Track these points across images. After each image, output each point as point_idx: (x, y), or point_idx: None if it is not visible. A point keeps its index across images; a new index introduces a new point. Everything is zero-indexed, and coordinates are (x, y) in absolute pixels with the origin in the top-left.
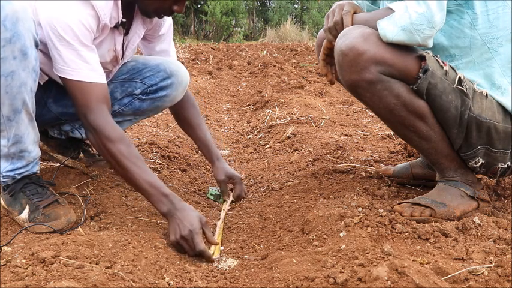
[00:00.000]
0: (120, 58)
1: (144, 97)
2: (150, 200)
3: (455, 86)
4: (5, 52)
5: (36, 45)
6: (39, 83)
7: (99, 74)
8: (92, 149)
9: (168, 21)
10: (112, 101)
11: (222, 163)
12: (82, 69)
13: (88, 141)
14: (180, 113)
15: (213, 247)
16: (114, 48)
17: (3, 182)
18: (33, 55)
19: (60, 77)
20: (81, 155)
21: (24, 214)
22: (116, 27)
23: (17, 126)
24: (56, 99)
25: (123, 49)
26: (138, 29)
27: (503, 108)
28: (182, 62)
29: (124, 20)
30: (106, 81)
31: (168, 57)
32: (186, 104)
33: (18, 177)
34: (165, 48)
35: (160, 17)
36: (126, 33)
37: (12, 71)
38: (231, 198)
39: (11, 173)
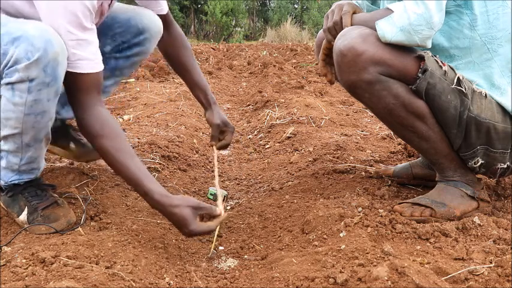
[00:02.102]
0: (107, 10)
1: (118, 55)
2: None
3: (454, 86)
4: (41, 95)
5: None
6: None
7: (95, 62)
8: (81, 138)
9: None
10: None
11: (218, 108)
12: (78, 60)
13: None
14: (171, 53)
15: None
16: (102, 3)
17: (4, 185)
18: (60, 88)
19: None
20: (73, 146)
21: (23, 216)
22: None
23: (34, 151)
24: None
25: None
26: None
27: (503, 109)
28: None
29: None
30: (103, 67)
31: (140, 8)
32: (177, 42)
33: (22, 183)
34: (143, 12)
35: None
36: None
37: (43, 111)
38: (219, 144)
39: (16, 181)
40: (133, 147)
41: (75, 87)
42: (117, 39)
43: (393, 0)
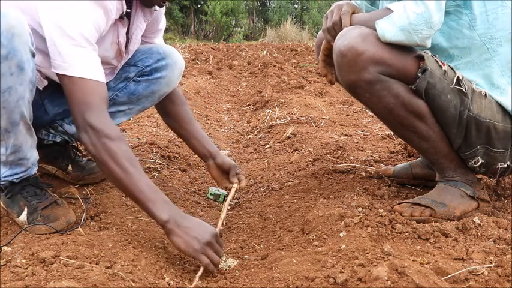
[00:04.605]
0: (124, 52)
1: (139, 79)
2: (148, 205)
3: (453, 85)
4: (2, 69)
5: (33, 55)
6: (38, 88)
7: (100, 73)
8: (81, 160)
9: (163, 16)
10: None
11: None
12: (84, 66)
13: (79, 143)
14: (170, 108)
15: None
16: (118, 40)
17: (1, 184)
18: (30, 68)
19: (58, 74)
20: (70, 168)
21: (23, 217)
22: (121, 17)
23: (15, 137)
24: (52, 98)
25: (126, 43)
26: (140, 23)
27: (503, 108)
28: None
29: (129, 10)
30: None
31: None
32: (177, 100)
33: (17, 181)
34: (162, 44)
35: (162, 4)
36: (128, 26)
37: (9, 87)
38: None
39: (10, 178)
40: (133, 148)
41: (85, 94)
42: (140, 65)
43: (392, 0)
